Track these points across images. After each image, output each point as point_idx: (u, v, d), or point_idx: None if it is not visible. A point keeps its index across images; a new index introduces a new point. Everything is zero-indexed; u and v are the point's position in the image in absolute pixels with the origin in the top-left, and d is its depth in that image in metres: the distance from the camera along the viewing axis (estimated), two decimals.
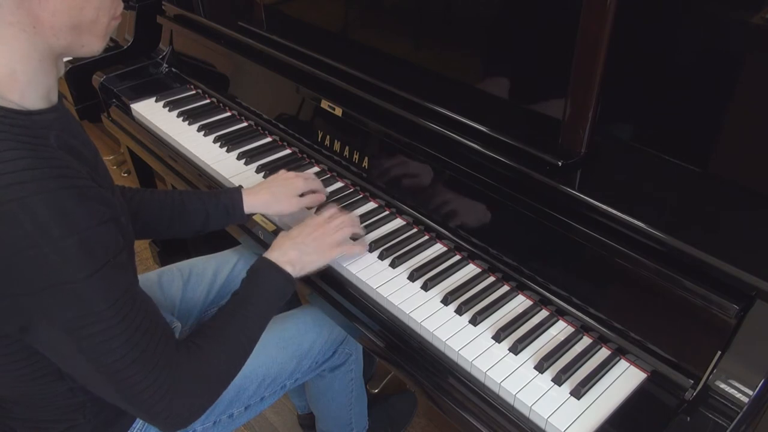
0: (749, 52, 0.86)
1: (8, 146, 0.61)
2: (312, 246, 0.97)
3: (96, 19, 0.69)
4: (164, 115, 1.56)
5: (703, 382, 0.78)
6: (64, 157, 0.66)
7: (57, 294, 0.64)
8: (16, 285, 0.63)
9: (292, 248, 0.95)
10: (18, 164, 0.61)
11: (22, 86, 0.66)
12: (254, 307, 0.88)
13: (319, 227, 0.99)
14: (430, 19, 1.17)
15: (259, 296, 0.89)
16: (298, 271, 0.94)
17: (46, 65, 0.68)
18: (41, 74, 0.68)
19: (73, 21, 0.67)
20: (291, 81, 1.37)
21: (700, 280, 0.80)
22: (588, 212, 0.90)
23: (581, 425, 0.79)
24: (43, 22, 0.64)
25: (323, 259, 0.99)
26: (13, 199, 0.60)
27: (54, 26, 0.65)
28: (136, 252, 2.25)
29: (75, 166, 0.66)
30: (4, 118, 0.64)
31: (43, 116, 0.68)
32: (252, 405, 1.09)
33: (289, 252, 0.94)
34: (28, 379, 0.76)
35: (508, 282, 1.00)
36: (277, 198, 1.11)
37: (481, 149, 1.02)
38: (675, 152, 0.97)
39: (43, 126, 0.67)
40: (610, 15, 0.83)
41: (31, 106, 0.67)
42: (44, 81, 0.69)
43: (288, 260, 0.93)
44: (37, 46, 0.66)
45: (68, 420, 0.84)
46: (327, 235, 0.99)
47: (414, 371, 0.92)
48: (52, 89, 0.71)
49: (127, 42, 1.86)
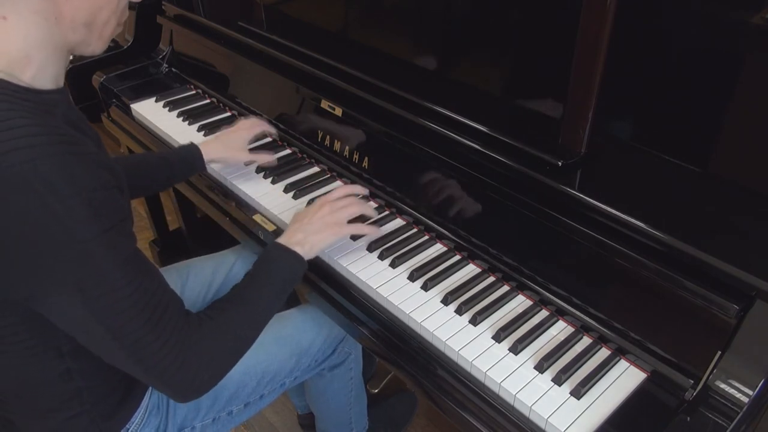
0: (749, 52, 0.86)
1: (19, 115, 0.65)
2: (318, 225, 1.00)
3: (108, 21, 0.74)
4: (164, 115, 1.56)
5: (703, 382, 0.78)
6: (69, 129, 0.69)
7: (68, 254, 0.65)
8: (28, 247, 0.65)
9: (298, 230, 0.98)
10: (28, 130, 0.64)
11: (34, 70, 0.70)
12: (266, 286, 0.90)
13: (323, 207, 1.02)
14: (430, 19, 1.17)
15: (270, 275, 0.91)
16: (308, 251, 0.97)
17: (57, 55, 0.72)
18: (54, 61, 0.72)
19: (90, 19, 0.72)
20: (291, 81, 1.37)
21: (700, 280, 0.80)
22: (588, 212, 0.90)
23: (581, 425, 0.79)
24: (65, 15, 0.69)
25: (331, 236, 1.00)
26: (24, 161, 0.62)
27: (74, 20, 0.70)
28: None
29: (80, 137, 0.69)
30: (15, 93, 0.67)
31: (50, 95, 0.72)
32: (251, 403, 1.09)
33: (296, 234, 0.98)
34: (28, 354, 0.77)
35: (508, 282, 1.00)
36: (227, 147, 1.25)
37: (481, 149, 1.02)
38: (675, 152, 0.97)
39: (50, 103, 0.71)
40: (610, 15, 0.83)
41: (40, 87, 0.71)
42: (54, 66, 0.73)
43: (296, 241, 0.96)
44: (54, 36, 0.70)
45: (66, 409, 0.84)
46: (333, 214, 1.02)
47: (414, 371, 0.92)
48: (60, 75, 0.75)
49: (127, 42, 1.86)
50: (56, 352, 0.78)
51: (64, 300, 0.68)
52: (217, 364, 0.82)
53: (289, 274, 0.93)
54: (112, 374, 0.87)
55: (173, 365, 0.75)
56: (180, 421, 1.01)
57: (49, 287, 0.68)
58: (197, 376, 0.78)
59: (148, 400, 0.97)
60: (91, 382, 0.84)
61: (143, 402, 0.95)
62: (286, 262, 0.94)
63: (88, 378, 0.84)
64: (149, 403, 0.97)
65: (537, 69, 1.02)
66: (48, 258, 0.65)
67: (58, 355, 0.79)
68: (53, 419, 0.85)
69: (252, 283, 0.90)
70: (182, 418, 1.01)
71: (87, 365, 0.82)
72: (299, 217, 1.02)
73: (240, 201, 1.28)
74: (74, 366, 0.81)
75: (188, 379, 0.77)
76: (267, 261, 0.93)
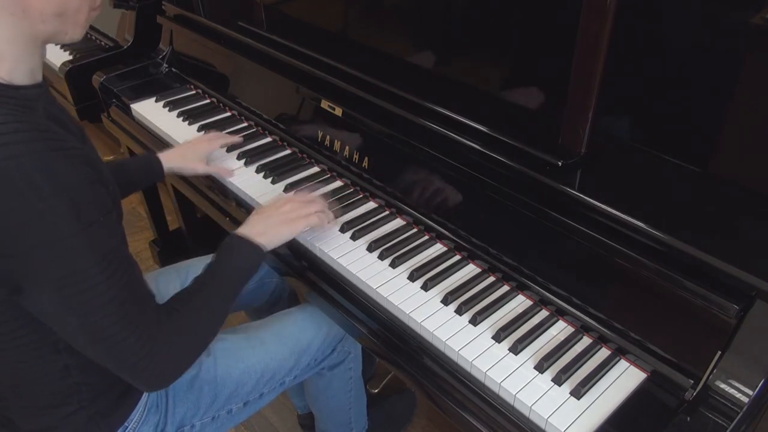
0: (749, 52, 0.86)
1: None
2: (277, 219, 1.02)
3: (79, 8, 0.73)
4: (164, 115, 1.56)
5: (703, 382, 0.77)
6: (51, 125, 0.69)
7: (47, 251, 0.66)
8: (8, 243, 0.65)
9: (258, 222, 1.01)
10: (7, 127, 0.64)
11: (9, 65, 0.70)
12: (226, 276, 0.92)
13: (286, 203, 1.05)
14: (429, 19, 1.17)
15: (229, 265, 0.93)
16: (267, 242, 0.98)
17: (31, 48, 0.72)
18: (27, 55, 0.72)
19: (59, 9, 0.71)
20: (291, 81, 1.37)
21: (700, 280, 0.80)
22: (588, 212, 0.90)
23: (581, 425, 0.79)
24: (32, 8, 0.68)
25: (289, 230, 1.02)
26: (5, 158, 0.62)
27: (43, 12, 0.69)
28: (137, 252, 2.26)
29: (62, 133, 0.69)
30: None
31: (29, 91, 0.72)
32: (251, 401, 1.09)
33: (256, 226, 1.00)
34: (24, 350, 0.77)
35: (508, 282, 1.00)
36: (185, 158, 1.27)
37: (481, 149, 1.02)
38: (675, 152, 0.97)
39: (29, 98, 0.71)
40: (610, 15, 0.83)
41: (18, 83, 0.71)
42: (29, 61, 0.72)
43: (256, 232, 0.98)
44: (24, 30, 0.69)
45: (64, 405, 0.85)
46: (293, 211, 1.04)
47: (414, 371, 0.92)
48: (37, 69, 0.74)
49: (127, 42, 1.86)
50: (53, 348, 0.79)
51: (44, 296, 0.69)
52: (185, 354, 0.83)
53: (248, 263, 0.95)
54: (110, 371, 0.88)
55: (144, 361, 0.76)
56: (179, 419, 1.01)
57: (28, 281, 0.68)
58: (165, 368, 0.80)
59: (147, 398, 0.97)
60: (89, 378, 0.85)
61: (142, 399, 0.96)
62: (244, 252, 0.95)
63: (87, 374, 0.84)
64: (148, 401, 0.97)
65: (537, 69, 1.02)
66: (29, 254, 0.66)
67: (55, 351, 0.79)
68: (51, 416, 0.85)
69: (213, 273, 0.91)
70: (181, 416, 1.01)
71: (85, 361, 0.82)
72: (262, 210, 1.04)
73: (240, 201, 1.28)
74: (72, 362, 0.82)
75: (157, 373, 0.79)
76: (228, 252, 0.95)
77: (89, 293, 0.70)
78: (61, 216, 0.66)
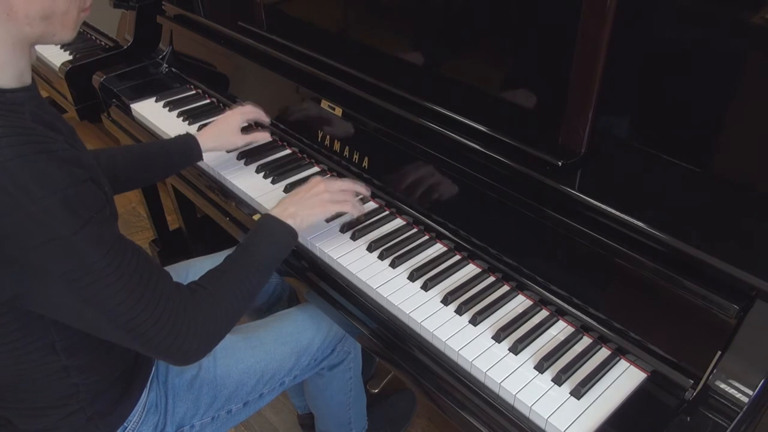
0: (749, 52, 0.86)
1: None
2: (310, 201, 1.03)
3: (67, 11, 0.72)
4: (164, 115, 1.56)
5: (703, 382, 0.77)
6: (38, 128, 0.68)
7: (48, 250, 0.66)
8: (7, 247, 0.65)
9: (291, 205, 1.02)
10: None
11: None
12: (258, 255, 0.92)
13: (316, 185, 1.06)
14: (429, 18, 1.17)
15: (261, 244, 0.94)
16: (299, 224, 0.99)
17: (18, 51, 0.71)
18: (14, 58, 0.71)
19: (46, 12, 0.70)
20: (291, 81, 1.37)
21: (700, 280, 0.80)
22: (588, 212, 0.90)
23: (581, 425, 0.79)
24: (17, 11, 0.67)
25: (321, 212, 1.04)
26: None
27: (28, 15, 0.68)
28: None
29: (50, 135, 0.69)
30: None
31: (15, 94, 0.71)
32: (251, 401, 1.09)
33: (288, 208, 1.01)
34: (21, 353, 0.77)
35: (508, 282, 1.00)
36: (222, 134, 1.28)
37: (480, 149, 1.02)
38: (675, 152, 0.97)
39: (16, 102, 0.70)
40: (610, 15, 0.83)
41: (4, 86, 0.70)
42: (17, 64, 0.71)
43: (288, 214, 0.99)
44: (10, 32, 0.69)
45: (63, 406, 0.85)
46: (324, 192, 1.05)
47: (414, 371, 0.92)
48: (25, 72, 0.74)
49: (127, 42, 1.86)
50: (50, 349, 0.79)
51: (53, 293, 0.69)
52: (212, 331, 0.83)
53: (280, 245, 0.96)
54: (109, 371, 0.87)
55: (169, 336, 0.77)
56: (179, 420, 1.01)
57: (35, 284, 0.68)
58: (192, 344, 0.80)
59: (146, 399, 0.97)
60: (87, 378, 0.85)
61: (141, 400, 0.95)
62: (276, 232, 0.96)
63: (85, 375, 0.84)
64: (147, 401, 0.97)
65: (537, 69, 1.02)
66: (30, 257, 0.66)
67: (52, 351, 0.79)
68: (50, 417, 0.85)
69: (245, 252, 0.92)
70: (181, 417, 1.01)
71: (83, 362, 0.82)
72: (293, 193, 1.05)
73: (240, 201, 1.28)
74: (70, 363, 0.81)
75: (185, 347, 0.79)
76: (260, 232, 0.96)
77: (100, 284, 0.70)
78: (56, 216, 0.65)
